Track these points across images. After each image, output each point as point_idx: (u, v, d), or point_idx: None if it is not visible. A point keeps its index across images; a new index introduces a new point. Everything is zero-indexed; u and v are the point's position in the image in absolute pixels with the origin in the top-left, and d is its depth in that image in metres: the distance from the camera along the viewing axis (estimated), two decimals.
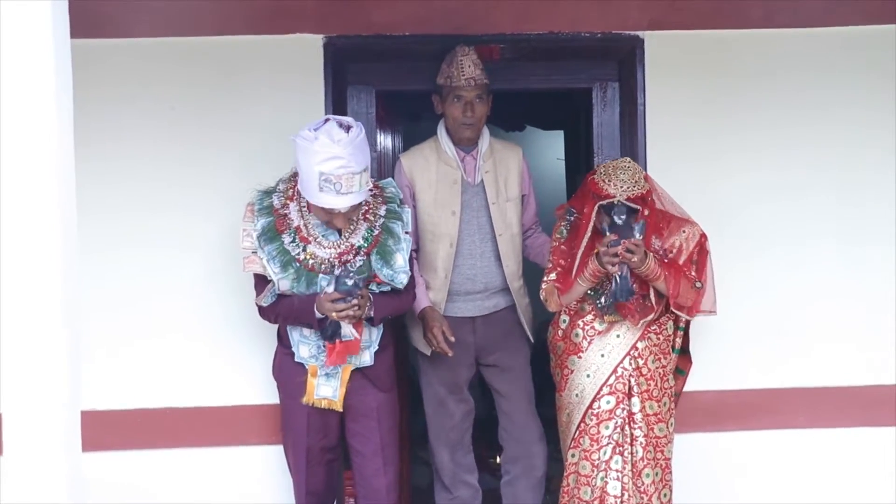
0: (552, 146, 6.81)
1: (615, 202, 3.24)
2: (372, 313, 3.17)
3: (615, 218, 3.21)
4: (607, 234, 3.24)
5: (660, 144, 3.81)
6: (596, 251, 3.26)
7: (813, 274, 3.86)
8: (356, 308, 3.06)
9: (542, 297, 3.47)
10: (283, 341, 3.32)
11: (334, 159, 2.96)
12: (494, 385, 3.70)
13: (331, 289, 3.07)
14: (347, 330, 3.12)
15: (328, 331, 3.12)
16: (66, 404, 2.02)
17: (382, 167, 4.13)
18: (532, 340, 3.68)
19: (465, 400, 3.68)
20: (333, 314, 3.06)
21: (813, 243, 3.86)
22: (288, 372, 3.30)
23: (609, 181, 3.27)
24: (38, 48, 1.98)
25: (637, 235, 3.20)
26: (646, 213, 3.29)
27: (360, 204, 3.14)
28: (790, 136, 3.85)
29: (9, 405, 2.01)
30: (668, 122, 3.82)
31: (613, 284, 3.26)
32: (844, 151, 3.85)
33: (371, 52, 3.86)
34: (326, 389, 3.24)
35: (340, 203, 3.01)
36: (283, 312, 3.22)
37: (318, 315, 3.12)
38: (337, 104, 3.82)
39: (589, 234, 3.32)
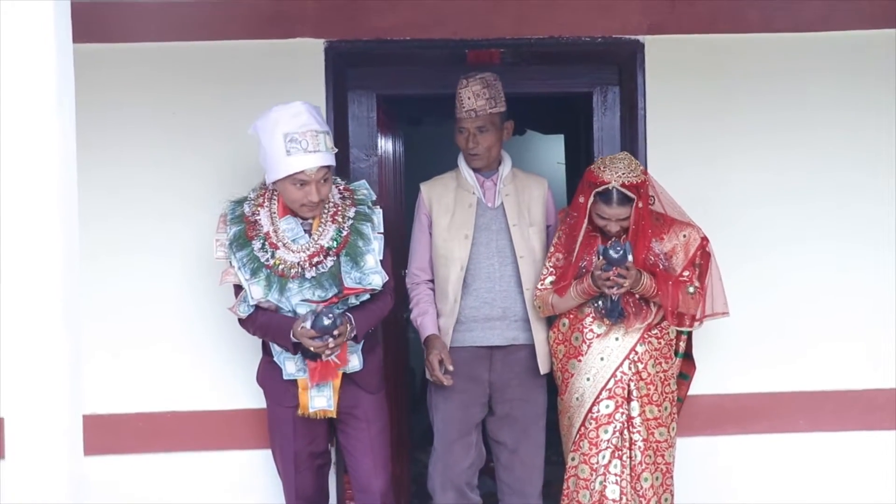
0: (552, 150, 6.82)
1: (610, 188, 3.27)
2: (354, 334, 3.16)
3: (609, 250, 3.23)
4: (599, 257, 3.27)
5: (660, 148, 3.81)
6: (591, 273, 3.29)
7: (812, 277, 3.86)
8: (332, 347, 3.07)
9: (534, 304, 3.48)
10: (267, 350, 3.32)
11: (296, 117, 3.06)
12: (499, 437, 3.58)
13: (308, 324, 3.06)
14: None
15: (309, 352, 3.13)
16: (68, 408, 2.02)
17: (383, 171, 4.14)
18: (543, 373, 3.54)
19: (475, 445, 3.56)
20: (311, 349, 3.08)
21: (813, 246, 3.86)
22: (273, 379, 3.29)
23: (605, 168, 3.31)
24: (41, 52, 1.98)
25: (629, 257, 3.23)
26: (639, 205, 3.30)
27: (329, 203, 3.17)
28: (790, 139, 3.86)
29: (10, 409, 2.01)
30: (668, 125, 3.83)
31: (606, 305, 3.32)
32: (844, 154, 3.86)
33: (372, 57, 3.87)
34: (320, 401, 3.23)
35: (310, 162, 3.04)
36: (261, 329, 3.22)
37: (293, 339, 3.12)
38: (338, 108, 3.83)
39: (585, 225, 3.34)
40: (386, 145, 4.26)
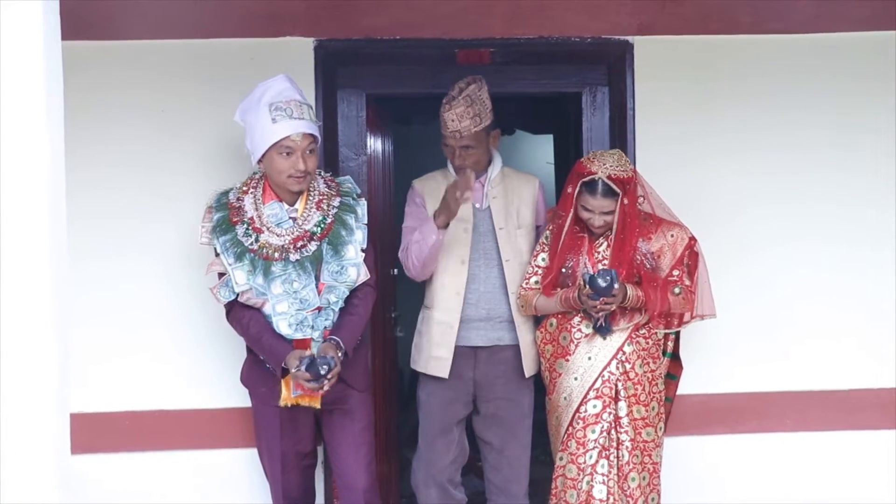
0: (542, 150, 6.82)
1: (596, 178, 3.29)
2: (342, 356, 3.16)
3: (597, 279, 3.20)
4: (585, 285, 3.23)
5: (649, 148, 3.82)
6: (577, 293, 3.29)
7: (801, 277, 3.88)
8: (326, 388, 3.09)
9: (518, 304, 3.48)
10: (252, 350, 3.31)
11: (279, 88, 3.16)
12: (485, 437, 3.59)
13: (304, 366, 3.05)
14: None
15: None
16: (55, 407, 2.02)
17: (372, 171, 4.13)
18: (528, 377, 3.54)
19: (456, 442, 3.57)
20: (305, 387, 3.09)
21: (801, 246, 3.88)
22: (258, 378, 3.29)
23: (594, 160, 3.35)
24: (29, 50, 1.97)
25: (615, 286, 3.21)
26: (625, 201, 3.31)
27: (314, 191, 3.20)
28: (780, 139, 3.87)
29: None
30: (657, 126, 3.84)
31: (594, 323, 3.34)
32: (835, 155, 3.88)
33: (362, 56, 3.86)
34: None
35: (295, 127, 3.10)
36: (252, 340, 3.22)
37: (283, 366, 3.13)
38: (327, 107, 3.82)
39: (571, 216, 3.36)
40: (375, 144, 4.26)
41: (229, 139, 3.69)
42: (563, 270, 3.40)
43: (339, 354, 3.12)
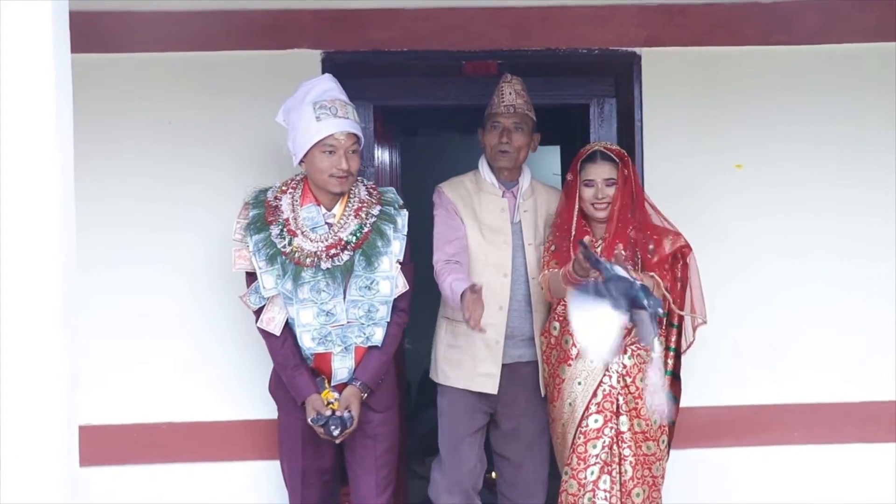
0: (549, 162, 6.83)
1: (594, 149, 3.34)
2: (366, 397, 3.20)
3: (609, 267, 2.90)
4: (581, 253, 3.03)
5: (657, 159, 3.82)
6: (568, 267, 3.16)
7: (808, 290, 3.87)
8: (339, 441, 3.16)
9: (540, 286, 3.41)
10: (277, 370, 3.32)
11: (323, 87, 3.17)
12: (503, 452, 3.56)
13: (320, 422, 3.10)
14: None
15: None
16: (64, 419, 2.01)
17: (380, 182, 4.12)
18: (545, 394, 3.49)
19: (479, 446, 3.53)
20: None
21: (809, 259, 3.87)
22: (285, 389, 3.28)
23: (591, 145, 3.42)
24: (39, 62, 1.98)
25: (621, 270, 2.95)
26: (626, 172, 3.31)
27: (354, 198, 3.19)
28: (786, 152, 3.87)
29: (5, 419, 2.00)
30: (664, 137, 3.84)
31: (641, 329, 2.96)
32: (841, 168, 3.87)
33: (369, 68, 3.87)
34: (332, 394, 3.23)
35: (339, 126, 3.10)
36: (278, 364, 3.23)
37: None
38: None
39: (577, 208, 3.35)
40: (383, 156, 4.26)
41: (238, 150, 3.71)
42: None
43: (364, 396, 3.16)
